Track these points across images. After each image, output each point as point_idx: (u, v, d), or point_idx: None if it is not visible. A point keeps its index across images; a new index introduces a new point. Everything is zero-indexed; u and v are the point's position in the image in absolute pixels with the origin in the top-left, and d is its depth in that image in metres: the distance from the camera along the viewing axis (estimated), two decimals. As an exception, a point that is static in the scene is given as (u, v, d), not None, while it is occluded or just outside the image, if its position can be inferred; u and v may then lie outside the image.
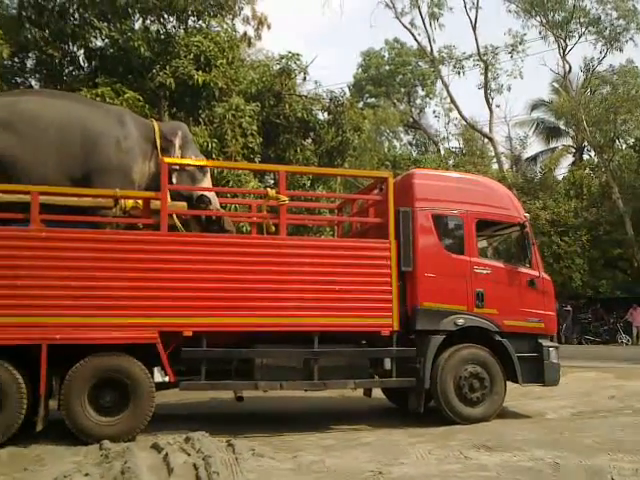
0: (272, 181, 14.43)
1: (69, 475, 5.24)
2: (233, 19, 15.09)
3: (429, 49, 26.63)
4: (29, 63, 14.12)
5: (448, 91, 27.16)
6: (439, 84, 28.53)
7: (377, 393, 9.08)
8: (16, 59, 13.46)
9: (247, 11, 15.12)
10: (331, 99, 15.25)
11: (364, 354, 7.98)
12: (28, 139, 7.65)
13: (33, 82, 14.21)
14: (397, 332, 7.79)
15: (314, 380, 7.56)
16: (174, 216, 7.74)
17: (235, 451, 5.96)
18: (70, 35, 13.63)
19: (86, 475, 5.30)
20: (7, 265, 6.82)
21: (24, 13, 13.47)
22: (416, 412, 7.94)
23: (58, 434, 6.88)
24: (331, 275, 7.71)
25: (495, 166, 28.43)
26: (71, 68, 14.39)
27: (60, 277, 6.92)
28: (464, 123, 28.58)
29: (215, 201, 8.55)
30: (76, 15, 13.72)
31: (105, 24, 13.54)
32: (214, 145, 12.44)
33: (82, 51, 14.24)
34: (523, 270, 8.56)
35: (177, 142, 8.39)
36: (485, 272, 8.33)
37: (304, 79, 15.48)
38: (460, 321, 8.07)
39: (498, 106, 30.03)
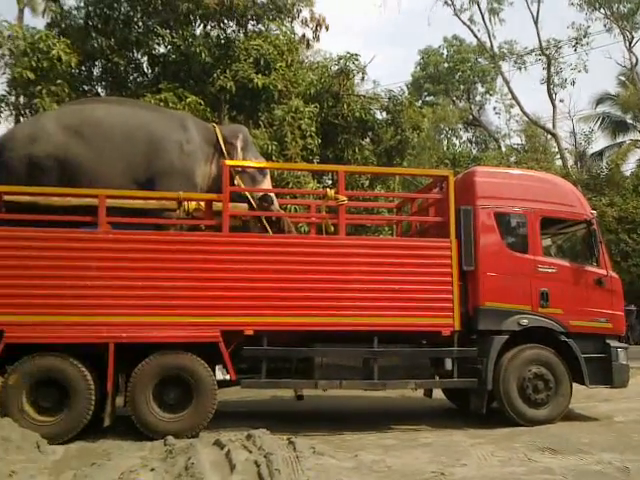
0: (330, 181, 14.47)
1: (135, 470, 5.36)
2: (292, 22, 15.22)
3: (489, 45, 26.19)
4: (95, 71, 14.61)
5: (509, 87, 26.64)
6: (500, 80, 28.01)
7: (437, 393, 8.98)
8: (83, 67, 13.94)
9: (305, 13, 15.19)
10: (390, 98, 15.16)
11: (425, 354, 7.90)
12: (94, 145, 7.92)
13: (99, 89, 14.69)
14: (458, 332, 7.69)
15: (374, 380, 7.54)
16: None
17: (296, 449, 5.98)
18: (134, 43, 14.07)
19: (152, 470, 5.41)
20: (77, 266, 7.07)
21: (90, 23, 13.99)
22: (478, 413, 7.82)
23: (124, 430, 7.09)
24: (391, 275, 7.67)
25: (559, 162, 27.66)
26: (135, 75, 14.84)
27: (126, 278, 7.12)
28: (526, 119, 27.94)
29: (275, 203, 8.66)
30: (140, 23, 14.16)
31: (167, 31, 13.92)
32: (274, 147, 12.57)
33: (145, 58, 14.68)
34: (590, 269, 8.31)
35: (239, 144, 8.53)
36: (550, 271, 8.13)
37: (362, 79, 15.49)
38: (524, 321, 7.90)
39: (562, 101, 29.30)
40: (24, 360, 6.79)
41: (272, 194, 8.52)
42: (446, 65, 27.47)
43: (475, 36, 26.28)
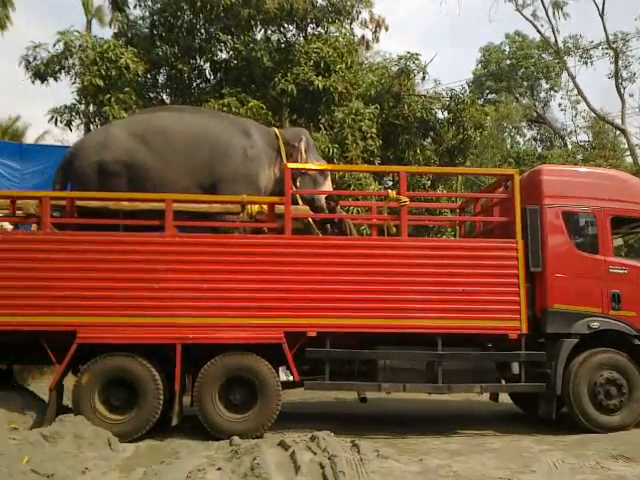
0: (391, 182, 14.40)
1: (203, 469, 5.42)
2: (351, 24, 15.23)
3: (553, 40, 25.52)
4: (160, 78, 15.00)
5: (575, 82, 25.85)
6: (565, 76, 27.20)
7: (503, 398, 8.79)
8: (148, 75, 14.31)
9: (365, 15, 15.18)
10: (451, 97, 14.98)
11: (491, 357, 7.75)
12: (160, 151, 8.15)
13: (164, 96, 15.07)
14: (525, 335, 7.51)
15: (438, 383, 7.44)
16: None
17: (360, 451, 5.95)
18: (197, 50, 14.37)
19: (219, 469, 5.47)
20: (145, 269, 7.26)
21: (155, 31, 14.37)
22: (547, 419, 7.62)
23: (191, 429, 7.23)
24: (455, 276, 7.56)
25: (629, 159, 26.65)
26: (198, 81, 15.14)
27: (192, 280, 7.27)
28: (593, 115, 27.06)
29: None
30: (202, 30, 14.46)
31: (229, 37, 14.15)
32: (335, 150, 12.60)
33: (208, 64, 14.97)
34: (664, 270, 7.97)
35: (302, 147, 8.61)
36: (622, 272, 7.84)
37: (423, 78, 15.32)
38: (594, 324, 7.64)
39: (631, 95, 28.24)
40: (96, 360, 7.02)
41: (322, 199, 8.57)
42: (508, 62, 26.87)
43: (538, 31, 25.64)
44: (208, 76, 15.19)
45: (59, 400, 7.17)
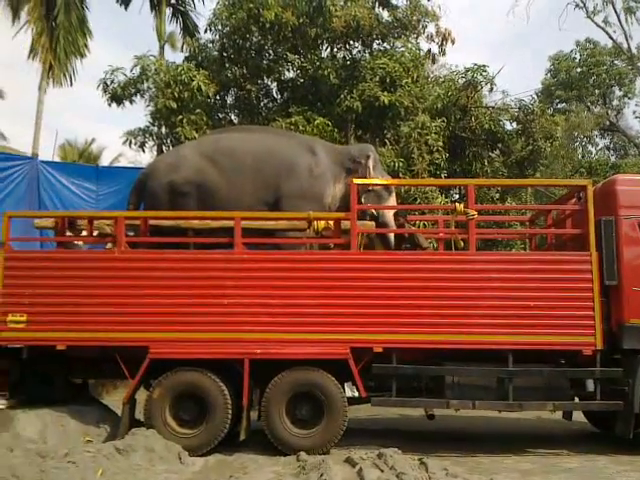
0: (457, 196, 14.20)
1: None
2: (417, 38, 15.18)
3: (626, 46, 24.70)
4: (229, 99, 15.34)
5: (650, 89, 24.96)
6: (639, 82, 26.27)
7: (577, 416, 8.46)
8: (218, 97, 14.69)
9: (431, 28, 15.11)
10: (520, 108, 14.68)
11: (564, 374, 7.47)
12: (228, 171, 8.36)
13: (233, 116, 15.40)
14: (600, 351, 7.23)
15: (509, 400, 7.24)
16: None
17: (428, 470, 5.85)
18: (265, 70, 14.65)
19: (286, 485, 5.55)
20: (215, 285, 7.41)
21: (225, 54, 14.74)
22: (624, 438, 7.28)
23: (258, 444, 7.28)
24: (525, 290, 7.36)
25: None
26: (266, 101, 15.42)
27: (260, 295, 7.36)
28: (672, 122, 25.97)
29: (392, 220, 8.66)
30: (270, 51, 14.72)
31: (296, 56, 14.36)
32: (401, 164, 12.55)
33: (275, 84, 15.22)
34: None
35: (370, 163, 8.63)
36: (702, 285, 7.44)
37: (491, 90, 15.07)
38: (674, 339, 7.28)
39: None
40: (167, 375, 7.20)
41: (389, 214, 8.54)
42: (579, 70, 26.10)
43: (610, 38, 24.88)
44: (275, 95, 15.46)
45: (132, 414, 7.37)
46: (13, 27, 16.86)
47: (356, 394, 7.27)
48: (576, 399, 7.55)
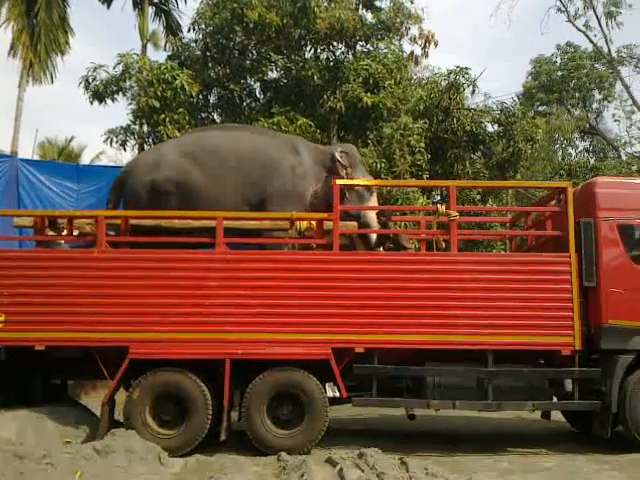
0: (439, 197, 14.28)
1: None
2: (400, 40, 15.28)
3: (606, 50, 25.01)
4: (212, 98, 15.29)
5: (629, 92, 25.15)
6: (619, 86, 26.55)
7: (556, 416, 8.54)
8: (200, 96, 14.63)
9: (414, 30, 15.21)
10: (501, 110, 14.81)
11: (543, 374, 7.56)
12: (210, 169, 8.32)
13: (216, 116, 15.35)
14: (579, 351, 7.30)
15: (489, 400, 7.30)
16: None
17: (409, 469, 5.89)
18: (249, 70, 14.63)
19: (266, 485, 5.54)
20: (196, 285, 7.36)
21: (208, 53, 14.71)
22: (601, 437, 7.36)
23: (239, 444, 7.24)
24: (506, 291, 7.42)
25: (687, 170, 25.72)
26: (249, 100, 15.40)
27: (241, 296, 7.34)
28: (648, 125, 26.27)
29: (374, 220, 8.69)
30: (254, 51, 14.70)
31: (280, 57, 14.35)
32: (383, 165, 12.60)
33: (258, 84, 15.22)
34: None
35: (345, 162, 8.64)
36: (681, 286, 7.54)
37: (473, 92, 15.19)
38: (652, 340, 7.37)
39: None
40: (147, 375, 7.14)
41: (371, 215, 8.57)
42: (560, 73, 26.38)
43: (591, 42, 25.16)
44: (258, 95, 15.44)
45: (111, 415, 7.29)
46: (-7, 24, 16.64)
47: (337, 394, 7.28)
48: (555, 399, 7.61)
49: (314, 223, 7.97)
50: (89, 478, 5.46)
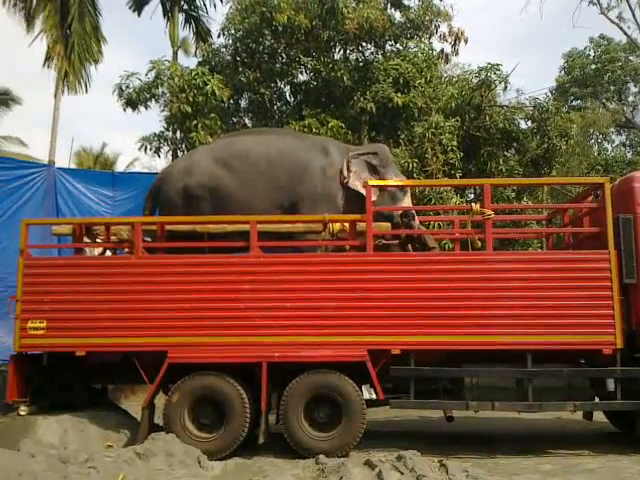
0: (472, 195, 14.14)
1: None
2: (430, 38, 15.15)
3: (640, 41, 24.54)
4: (243, 103, 15.39)
5: (665, 84, 24.72)
6: (655, 78, 26.04)
7: (598, 416, 8.38)
8: (231, 101, 14.73)
9: (443, 28, 15.08)
10: (535, 106, 14.60)
11: (584, 374, 7.39)
12: (241, 174, 8.38)
13: (247, 120, 15.44)
14: (621, 350, 7.15)
15: (529, 401, 7.19)
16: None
17: (448, 472, 5.82)
18: (278, 73, 14.67)
19: (306, 488, 5.55)
20: (232, 289, 7.42)
21: (238, 58, 14.80)
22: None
23: (277, 447, 7.27)
24: (544, 290, 7.30)
25: None
26: (279, 104, 15.44)
27: (277, 299, 7.36)
28: (687, 117, 25.66)
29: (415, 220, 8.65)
30: (283, 54, 14.74)
31: (309, 59, 14.37)
32: (415, 165, 12.53)
33: (288, 87, 15.25)
34: None
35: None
36: None
37: (505, 89, 15.00)
38: (696, 337, 7.18)
39: None
40: (185, 379, 7.22)
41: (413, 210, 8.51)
42: (593, 67, 25.91)
43: (625, 33, 24.70)
44: (288, 98, 15.48)
45: (151, 418, 7.40)
46: (28, 36, 17.01)
47: (374, 396, 7.22)
48: (596, 399, 7.47)
49: (347, 225, 7.95)
50: (131, 481, 5.53)
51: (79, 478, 5.41)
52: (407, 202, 8.79)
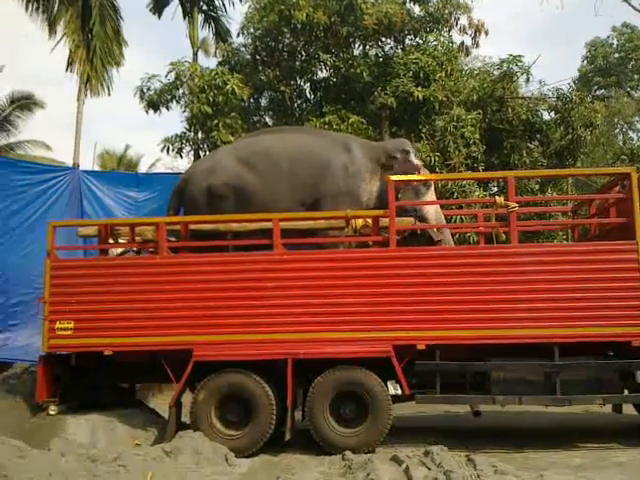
0: (495, 188, 14.02)
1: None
2: (449, 31, 15.06)
3: (664, 27, 24.12)
4: (263, 102, 15.46)
5: (690, 70, 24.23)
6: (679, 64, 25.55)
7: (627, 409, 8.25)
8: (252, 99, 14.78)
9: (463, 20, 14.96)
10: (558, 97, 14.42)
11: (613, 366, 7.28)
12: (263, 172, 8.41)
13: (267, 119, 15.49)
14: (650, 342, 7.03)
15: (556, 395, 7.09)
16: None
17: (476, 467, 5.77)
18: (298, 71, 14.69)
19: (333, 485, 5.55)
20: (256, 287, 7.43)
21: (258, 57, 14.87)
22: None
23: (304, 444, 7.27)
24: (570, 282, 7.20)
25: None
26: (299, 101, 15.47)
27: (301, 296, 7.37)
28: None
29: (439, 215, 8.59)
30: (302, 52, 14.75)
31: (328, 56, 14.36)
32: (437, 159, 12.45)
33: (308, 84, 15.26)
34: None
35: (412, 157, 8.57)
36: None
37: (527, 80, 14.83)
38: None
39: None
40: (211, 377, 7.26)
41: (433, 209, 8.49)
42: (617, 55, 25.49)
43: (648, 21, 24.35)
44: (309, 96, 15.49)
45: (178, 417, 7.46)
46: (50, 40, 17.21)
47: (399, 392, 7.20)
48: (625, 391, 7.35)
49: (370, 220, 7.93)
50: (159, 479, 5.57)
51: (109, 477, 5.47)
52: (431, 196, 8.74)
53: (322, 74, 15.13)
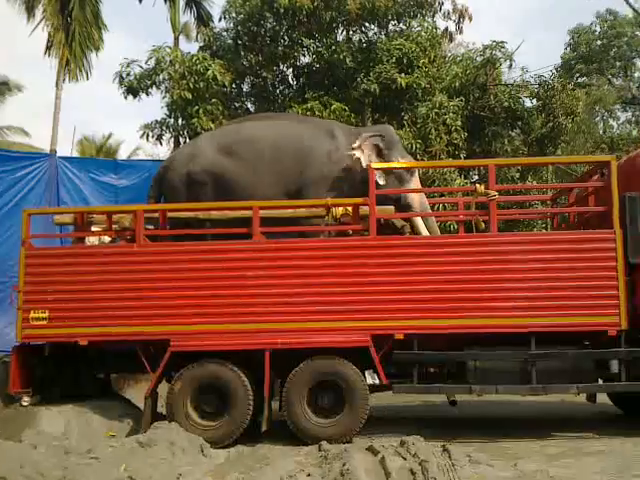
0: (476, 176, 14.01)
1: (294, 475, 5.46)
2: (433, 16, 14.95)
3: (647, 15, 24.05)
4: (245, 87, 15.29)
5: (673, 59, 24.25)
6: (662, 53, 25.57)
7: (601, 398, 8.30)
8: (233, 85, 14.62)
9: (447, 5, 14.86)
10: (540, 84, 14.40)
11: (588, 356, 7.29)
12: (245, 159, 8.33)
13: (249, 105, 15.33)
14: (625, 331, 7.06)
15: (532, 384, 7.12)
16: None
17: (451, 457, 5.79)
18: (281, 56, 14.52)
19: (308, 475, 5.50)
20: (235, 276, 7.38)
21: (240, 41, 14.65)
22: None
23: (281, 434, 7.25)
24: (548, 271, 7.21)
25: None
26: (282, 87, 15.32)
27: (279, 285, 7.33)
28: (694, 93, 25.21)
29: (424, 202, 8.54)
30: (285, 37, 14.57)
31: (311, 41, 14.21)
32: (418, 145, 12.41)
33: (291, 70, 15.10)
34: None
35: (381, 145, 8.49)
36: None
37: (510, 67, 14.81)
38: (702, 317, 7.08)
39: None
40: (187, 367, 7.22)
41: (417, 197, 8.43)
42: (599, 42, 25.45)
43: (631, 7, 24.23)
44: (291, 82, 15.34)
45: (154, 407, 7.40)
46: (29, 24, 16.88)
47: (377, 381, 7.21)
48: (600, 381, 7.40)
49: (350, 209, 7.87)
50: (134, 471, 5.51)
51: (81, 469, 5.40)
52: (415, 183, 8.69)
53: (305, 60, 14.98)
